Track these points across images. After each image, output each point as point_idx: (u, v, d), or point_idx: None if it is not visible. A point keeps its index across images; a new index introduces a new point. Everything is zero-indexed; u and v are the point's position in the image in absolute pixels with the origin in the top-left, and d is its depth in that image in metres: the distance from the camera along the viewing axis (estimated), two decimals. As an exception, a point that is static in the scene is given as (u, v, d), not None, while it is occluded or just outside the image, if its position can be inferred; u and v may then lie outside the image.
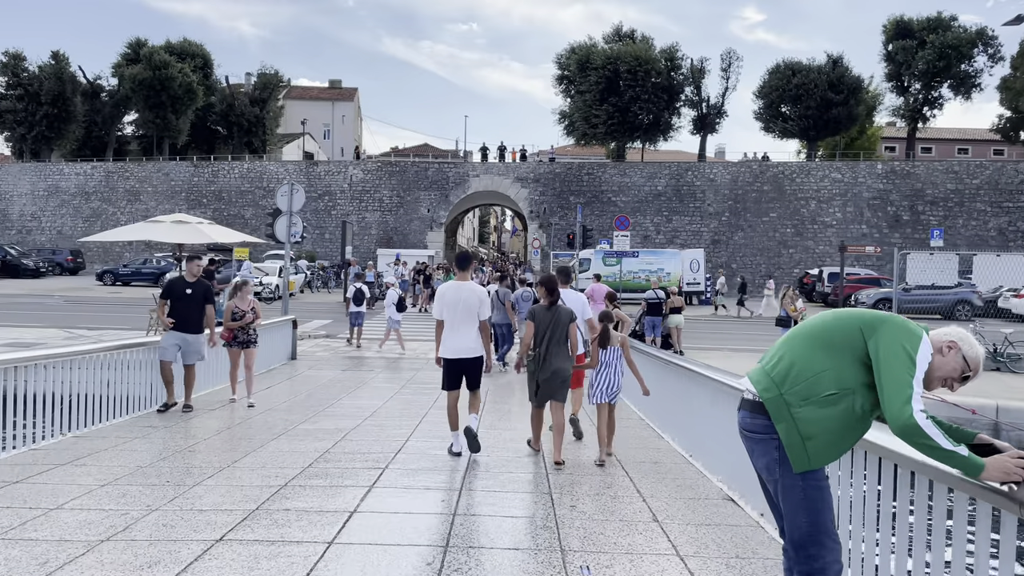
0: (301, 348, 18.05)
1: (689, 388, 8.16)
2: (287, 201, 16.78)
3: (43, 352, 8.55)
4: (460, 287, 7.62)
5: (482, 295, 7.63)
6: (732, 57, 50.30)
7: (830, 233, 46.35)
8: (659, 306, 19.66)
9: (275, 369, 14.84)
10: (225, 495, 6.09)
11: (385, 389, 12.69)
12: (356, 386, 12.96)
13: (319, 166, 54.11)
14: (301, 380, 13.69)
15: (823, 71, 48.21)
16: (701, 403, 7.61)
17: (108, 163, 55.82)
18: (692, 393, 8.05)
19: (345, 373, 14.69)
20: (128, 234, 18.61)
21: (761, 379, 3.24)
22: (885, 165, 47.32)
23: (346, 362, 16.42)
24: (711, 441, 7.28)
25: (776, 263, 46.49)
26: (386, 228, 51.08)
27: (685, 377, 8.34)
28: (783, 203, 47.08)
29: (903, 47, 46.87)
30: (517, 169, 51.13)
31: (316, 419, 9.70)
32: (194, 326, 9.83)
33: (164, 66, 54.33)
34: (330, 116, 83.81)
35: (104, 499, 5.91)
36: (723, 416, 6.85)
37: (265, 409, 10.27)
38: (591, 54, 50.04)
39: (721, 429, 6.89)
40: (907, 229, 45.43)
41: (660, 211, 48.13)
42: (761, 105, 50.79)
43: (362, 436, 8.67)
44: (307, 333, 21.26)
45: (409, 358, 17.33)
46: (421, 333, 22.26)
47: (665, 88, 49.39)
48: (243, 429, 8.99)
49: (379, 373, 14.78)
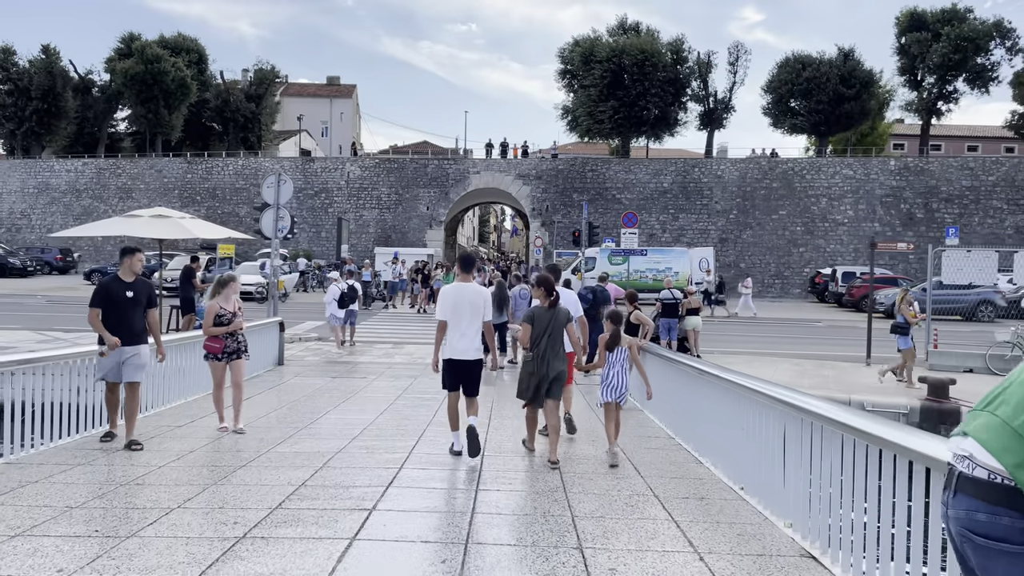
0: (290, 352, 16.72)
1: (739, 407, 6.81)
2: (273, 193, 15.42)
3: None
4: (463, 288, 7.62)
5: (485, 296, 7.70)
6: (740, 51, 48.93)
7: (841, 231, 45.00)
8: (675, 307, 18.40)
9: (259, 376, 13.50)
10: (163, 553, 4.73)
11: (378, 400, 11.34)
12: (345, 396, 11.61)
13: (316, 163, 52.73)
14: (285, 389, 12.34)
15: (834, 65, 46.77)
16: (759, 427, 6.27)
17: (100, 160, 54.46)
18: (742, 413, 6.70)
19: (335, 381, 13.34)
20: (103, 229, 17.27)
21: (1006, 442, 1.89)
22: (898, 161, 45.95)
23: (336, 368, 15.06)
24: (771, 472, 5.94)
25: (786, 262, 45.13)
26: (384, 226, 49.71)
27: (733, 394, 7.00)
28: (793, 200, 45.71)
29: (917, 39, 45.37)
30: (519, 166, 49.74)
31: (295, 439, 8.34)
32: (136, 336, 7.76)
33: (157, 60, 52.91)
34: (328, 113, 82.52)
35: (5, 559, 4.55)
36: (793, 446, 5.52)
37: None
38: (595, 47, 48.60)
39: (789, 460, 5.56)
40: (921, 227, 44.07)
41: (666, 208, 46.76)
42: (770, 100, 49.36)
43: (347, 462, 7.31)
44: (298, 336, 19.94)
45: (405, 363, 15.97)
46: (419, 335, 20.90)
47: (671, 82, 47.96)
48: (207, 454, 7.61)
49: (372, 381, 13.43)
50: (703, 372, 8.30)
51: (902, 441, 4.02)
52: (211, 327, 8.59)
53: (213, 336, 8.60)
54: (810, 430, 5.26)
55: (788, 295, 44.37)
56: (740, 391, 6.77)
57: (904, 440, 4.02)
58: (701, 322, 18.99)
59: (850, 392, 14.04)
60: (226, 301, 8.70)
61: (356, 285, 18.59)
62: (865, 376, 16.10)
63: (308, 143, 70.32)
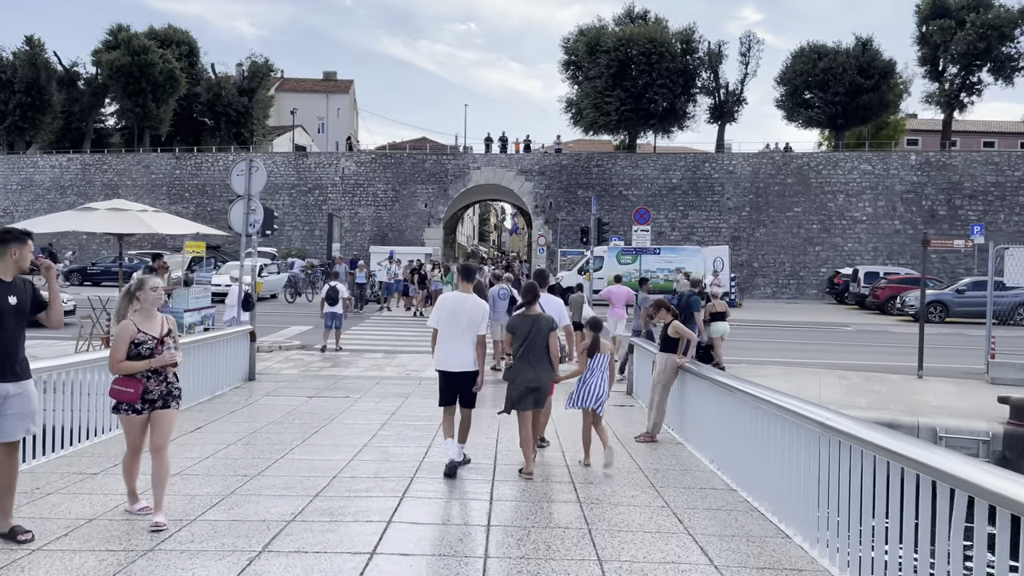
0: (265, 364, 14.68)
1: (824, 452, 4.75)
2: (244, 181, 13.32)
3: None
4: (463, 299, 7.41)
5: (484, 309, 7.43)
6: (751, 41, 46.70)
7: (859, 229, 42.88)
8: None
9: (222, 396, 11.46)
10: None
11: (358, 430, 9.27)
12: (319, 424, 9.54)
13: (309, 158, 50.61)
14: (249, 413, 10.27)
15: (852, 54, 44.54)
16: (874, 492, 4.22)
17: (85, 155, 52.35)
18: (830, 462, 4.65)
19: (310, 402, 11.26)
20: (54, 224, 15.17)
21: None
22: (919, 156, 43.78)
23: (315, 384, 12.97)
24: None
25: (802, 261, 43.01)
26: (381, 224, 47.61)
27: (804, 429, 4.94)
28: (808, 197, 43.58)
29: (940, 27, 43.11)
30: (521, 161, 47.57)
31: (236, 499, 6.24)
32: (17, 365, 5.18)
33: (144, 51, 50.76)
34: (324, 109, 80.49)
35: None
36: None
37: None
38: (601, 36, 46.36)
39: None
40: (943, 225, 41.96)
41: (675, 205, 44.66)
42: (784, 92, 47.13)
43: (299, 544, 5.21)
44: (278, 344, 17.86)
45: (396, 378, 13.90)
46: (414, 343, 18.81)
47: (681, 73, 45.71)
48: (93, 532, 5.49)
49: (355, 401, 11.35)
50: (762, 400, 6.33)
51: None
52: (122, 361, 5.59)
53: (127, 376, 5.61)
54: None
55: (804, 296, 42.28)
56: (821, 431, 4.75)
57: None
58: (728, 328, 16.79)
59: (916, 414, 11.98)
60: (147, 321, 5.73)
61: (338, 286, 17.22)
62: (924, 392, 14.02)
63: (304, 139, 68.15)
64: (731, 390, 7.30)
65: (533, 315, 7.44)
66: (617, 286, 17.27)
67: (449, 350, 7.26)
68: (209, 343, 11.51)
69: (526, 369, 7.26)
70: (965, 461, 3.94)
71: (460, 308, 7.30)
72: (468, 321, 7.24)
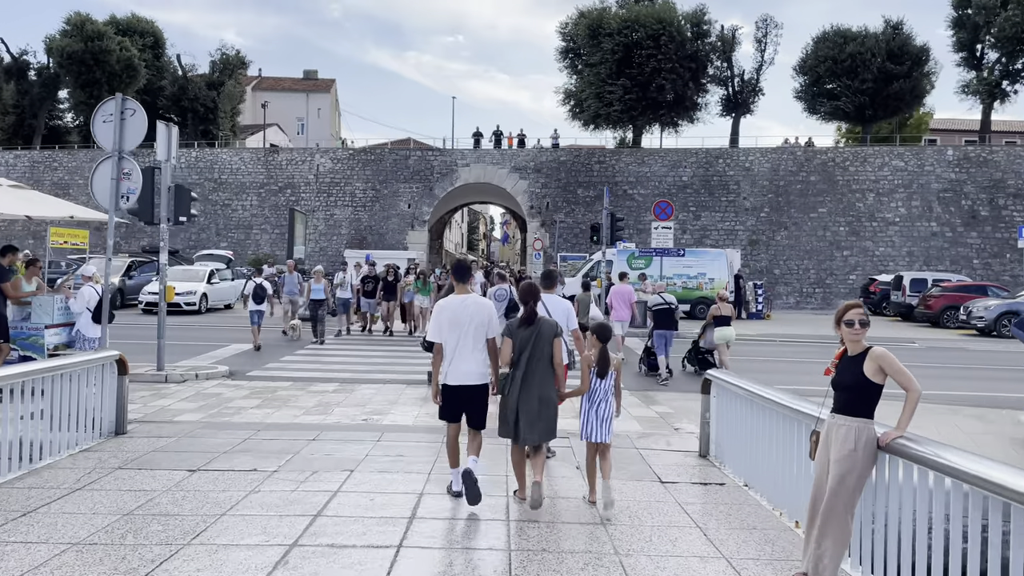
0: (163, 403, 10.08)
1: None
2: (111, 132, 8.71)
3: None
4: (464, 302, 6.33)
5: (490, 308, 6.44)
6: (769, 25, 42.43)
7: (892, 232, 38.53)
8: (669, 314, 14.15)
9: (55, 466, 6.87)
10: None
11: (243, 561, 4.66)
12: (181, 538, 4.90)
13: (280, 154, 45.88)
14: (74, 508, 5.63)
15: (881, 39, 40.28)
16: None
17: (34, 152, 47.54)
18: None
19: (191, 479, 6.63)
20: None
21: None
22: (957, 151, 39.49)
23: (217, 441, 8.25)
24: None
25: (828, 268, 38.60)
26: (359, 226, 42.94)
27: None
28: (834, 196, 39.23)
29: (983, 6, 38.84)
30: (515, 157, 43.01)
31: None
32: None
33: (99, 37, 46.07)
34: (304, 109, 76.12)
35: None
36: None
37: None
38: (604, 18, 41.92)
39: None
40: (986, 227, 37.71)
41: (686, 206, 40.20)
42: (804, 81, 42.81)
43: None
44: (196, 371, 13.13)
45: (346, 427, 9.24)
46: (386, 365, 14.11)
47: (691, 58, 41.33)
48: None
49: (263, 480, 6.70)
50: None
51: None
52: None
53: None
54: None
55: (832, 306, 37.78)
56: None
57: None
58: (734, 334, 14.16)
59: None
60: None
61: (265, 284, 16.86)
62: None
63: (279, 138, 63.41)
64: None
65: (533, 320, 6.42)
66: (622, 285, 16.26)
67: (459, 361, 6.24)
68: (38, 377, 6.94)
69: (529, 383, 6.16)
70: None
71: (461, 312, 6.32)
72: (474, 326, 6.29)
